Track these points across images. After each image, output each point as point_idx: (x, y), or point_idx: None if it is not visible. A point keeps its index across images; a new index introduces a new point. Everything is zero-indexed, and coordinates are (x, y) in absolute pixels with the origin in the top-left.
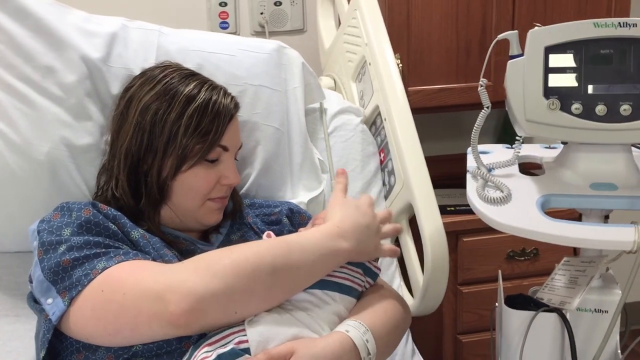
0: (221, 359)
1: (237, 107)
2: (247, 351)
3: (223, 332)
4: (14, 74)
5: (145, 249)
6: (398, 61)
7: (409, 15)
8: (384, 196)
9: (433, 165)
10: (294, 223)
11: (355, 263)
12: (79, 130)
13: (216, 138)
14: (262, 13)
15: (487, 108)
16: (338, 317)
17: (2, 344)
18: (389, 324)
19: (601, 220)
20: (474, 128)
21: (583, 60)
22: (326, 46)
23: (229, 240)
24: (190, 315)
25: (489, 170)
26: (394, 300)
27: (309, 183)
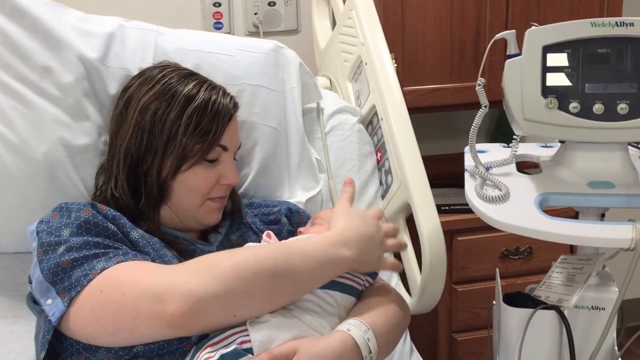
0: (224, 359)
1: (237, 107)
2: (250, 351)
3: (225, 333)
4: (11, 74)
5: (144, 249)
6: (393, 61)
7: (404, 15)
8: (381, 195)
9: (426, 164)
10: (293, 222)
11: None
12: (77, 130)
13: (216, 138)
14: (256, 13)
15: (485, 107)
16: (339, 316)
17: (1, 345)
18: (390, 323)
19: (598, 218)
20: (472, 127)
21: (580, 59)
22: (321, 46)
23: (228, 240)
24: (189, 316)
25: (487, 169)
26: (394, 299)
27: (307, 183)
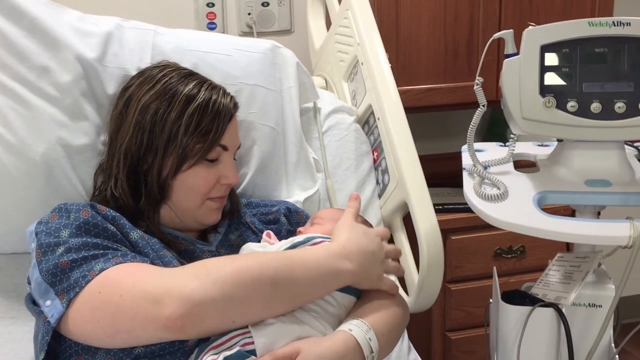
0: None
1: (237, 107)
2: (253, 353)
3: (228, 335)
4: (9, 74)
5: (144, 250)
6: None
7: (398, 16)
8: (378, 195)
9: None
10: (292, 222)
11: None
12: (75, 130)
13: (216, 137)
14: (250, 14)
15: (483, 106)
16: (339, 316)
17: (0, 346)
18: (390, 322)
19: (595, 216)
20: (470, 126)
21: (578, 58)
22: (317, 46)
23: (227, 239)
24: (186, 320)
25: (485, 168)
26: (394, 298)
27: (304, 182)
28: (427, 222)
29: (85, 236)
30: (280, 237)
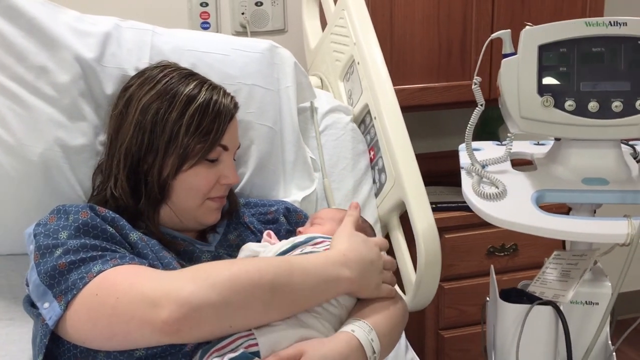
0: None
1: (237, 107)
2: (257, 354)
3: (231, 337)
4: (7, 74)
5: (143, 251)
6: None
7: (392, 16)
8: (375, 194)
9: None
10: (291, 222)
11: None
12: (73, 130)
13: (217, 137)
14: (244, 13)
15: (482, 105)
16: (340, 317)
17: None
18: (391, 322)
19: (591, 214)
20: (468, 125)
21: (575, 58)
22: (312, 46)
23: (226, 239)
24: (182, 323)
25: (483, 166)
26: (393, 298)
27: (302, 182)
28: (425, 222)
29: (84, 238)
30: (279, 237)
